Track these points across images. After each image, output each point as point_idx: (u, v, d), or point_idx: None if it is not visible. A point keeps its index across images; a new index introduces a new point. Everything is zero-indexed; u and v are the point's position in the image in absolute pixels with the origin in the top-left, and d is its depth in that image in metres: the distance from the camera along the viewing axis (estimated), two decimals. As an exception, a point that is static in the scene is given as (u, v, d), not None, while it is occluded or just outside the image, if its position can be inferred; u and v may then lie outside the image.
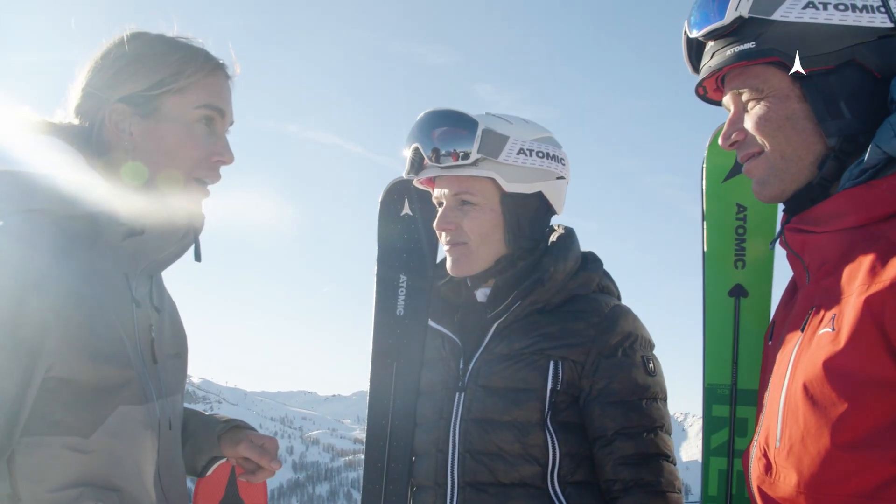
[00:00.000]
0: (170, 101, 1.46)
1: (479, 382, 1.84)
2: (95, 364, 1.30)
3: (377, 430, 1.98)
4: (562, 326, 1.83)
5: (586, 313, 1.84)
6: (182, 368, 1.62)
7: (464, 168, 1.84)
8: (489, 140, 1.81)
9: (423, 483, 1.89)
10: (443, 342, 1.95)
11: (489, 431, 1.79)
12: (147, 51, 1.48)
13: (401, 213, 2.15)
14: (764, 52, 1.33)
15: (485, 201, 1.86)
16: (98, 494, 1.32)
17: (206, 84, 1.50)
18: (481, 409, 1.81)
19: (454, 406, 1.85)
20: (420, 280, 2.08)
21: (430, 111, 1.90)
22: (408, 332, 2.03)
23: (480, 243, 1.88)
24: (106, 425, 1.33)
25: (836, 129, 1.31)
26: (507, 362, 1.82)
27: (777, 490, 1.25)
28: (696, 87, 1.50)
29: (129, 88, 1.45)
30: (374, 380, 2.02)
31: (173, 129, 1.46)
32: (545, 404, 1.78)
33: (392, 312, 2.07)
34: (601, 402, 1.77)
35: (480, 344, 1.88)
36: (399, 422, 1.95)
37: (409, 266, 2.10)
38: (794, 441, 1.20)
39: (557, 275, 1.86)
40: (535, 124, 1.92)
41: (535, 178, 1.86)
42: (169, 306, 1.63)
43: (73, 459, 1.31)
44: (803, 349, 1.23)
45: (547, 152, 1.88)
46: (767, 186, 1.41)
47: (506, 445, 1.78)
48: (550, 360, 1.79)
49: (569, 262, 1.89)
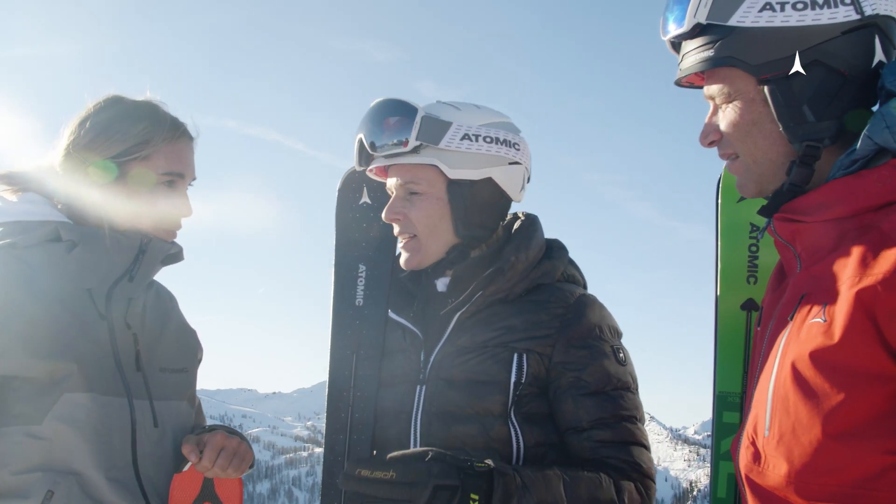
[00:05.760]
0: (136, 167, 1.68)
1: (441, 375, 1.80)
2: (35, 360, 1.52)
3: (337, 424, 1.93)
4: (525, 318, 1.80)
5: (551, 304, 1.82)
6: (185, 381, 1.84)
7: (404, 156, 1.81)
8: (429, 126, 1.78)
9: (384, 477, 1.85)
10: (403, 334, 1.91)
11: (451, 425, 1.76)
12: (120, 119, 1.70)
13: (359, 202, 2.10)
14: (721, 60, 1.33)
15: (430, 189, 1.83)
16: (57, 478, 1.51)
17: (170, 151, 1.72)
18: (443, 402, 1.78)
19: (415, 399, 1.81)
20: (379, 270, 2.04)
21: (376, 101, 1.87)
22: (367, 322, 1.98)
23: (429, 234, 1.85)
24: (54, 412, 1.53)
25: (800, 134, 1.31)
26: (469, 355, 1.79)
27: (766, 479, 1.24)
28: (675, 82, 1.50)
29: (101, 154, 1.67)
30: (334, 372, 1.97)
31: (138, 191, 1.69)
32: (508, 397, 1.75)
33: (351, 303, 2.02)
34: (573, 395, 1.74)
35: (442, 335, 1.84)
36: (359, 415, 1.91)
37: (367, 256, 2.06)
38: (785, 430, 1.20)
39: (519, 264, 1.83)
40: (488, 109, 1.88)
41: (481, 163, 1.82)
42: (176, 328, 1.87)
43: (32, 446, 1.51)
44: (792, 338, 1.23)
45: (496, 137, 1.83)
46: (746, 188, 1.43)
47: (469, 439, 1.74)
48: (514, 352, 1.76)
49: (531, 250, 1.87)
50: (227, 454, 1.70)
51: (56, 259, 1.62)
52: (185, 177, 1.75)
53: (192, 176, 1.78)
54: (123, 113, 1.71)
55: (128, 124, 1.69)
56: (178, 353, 1.84)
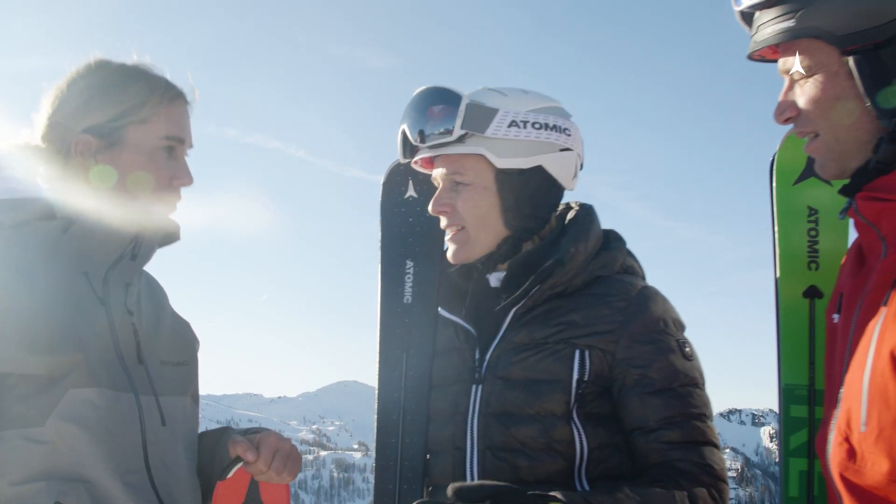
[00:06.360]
0: (133, 132, 1.53)
1: (498, 374, 1.71)
2: (32, 354, 1.35)
3: (388, 427, 1.85)
4: (586, 312, 1.71)
5: (612, 297, 1.72)
6: (186, 375, 1.67)
7: (450, 146, 1.72)
8: (474, 114, 1.69)
9: (439, 482, 1.77)
10: (455, 331, 1.83)
11: (510, 426, 1.67)
12: (110, 81, 1.54)
13: (405, 195, 2.02)
14: (803, 31, 1.25)
15: (477, 179, 1.74)
16: (63, 487, 1.33)
17: (168, 114, 1.57)
18: (501, 402, 1.69)
19: (471, 399, 1.73)
20: (427, 266, 1.95)
21: (419, 90, 1.78)
22: (417, 320, 1.91)
23: (478, 226, 1.76)
24: (58, 411, 1.36)
25: (889, 110, 1.21)
26: (527, 352, 1.70)
27: (864, 478, 1.15)
28: (748, 56, 1.42)
29: (93, 119, 1.51)
30: (383, 373, 1.89)
31: (136, 159, 1.53)
32: (571, 396, 1.65)
33: (399, 300, 1.94)
34: (639, 393, 1.65)
35: (497, 332, 1.76)
36: (411, 417, 1.83)
37: (415, 251, 1.98)
38: (885, 425, 1.11)
39: (578, 255, 1.74)
40: (536, 94, 1.79)
41: (531, 151, 1.73)
42: (171, 320, 1.70)
43: (33, 451, 1.33)
44: (888, 325, 1.13)
45: (545, 123, 1.73)
46: (826, 169, 1.34)
47: (529, 441, 1.66)
48: (576, 349, 1.67)
49: (590, 241, 1.77)
50: (283, 456, 1.59)
51: (50, 239, 1.46)
52: (184, 142, 1.61)
53: (190, 143, 1.63)
54: (114, 75, 1.56)
55: (120, 86, 1.54)
56: (177, 344, 1.68)
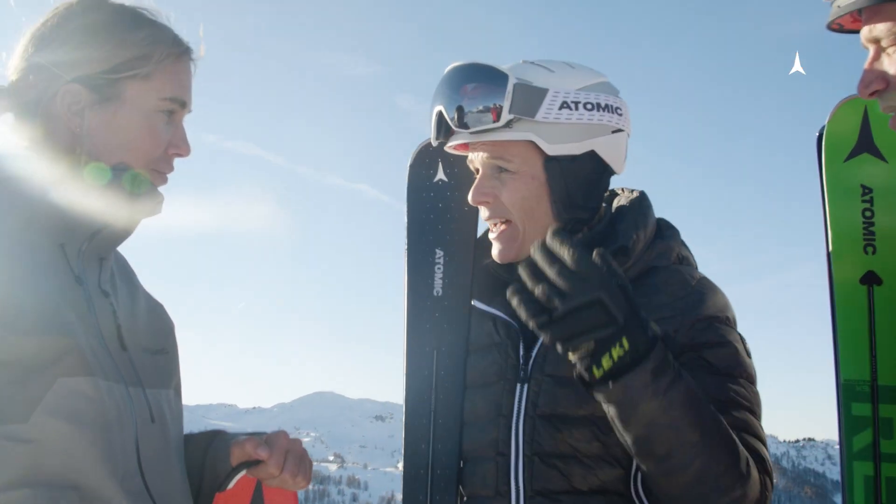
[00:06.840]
0: (132, 87, 1.31)
1: (547, 371, 1.54)
2: (18, 336, 1.12)
3: (418, 431, 1.66)
4: (644, 301, 1.52)
5: (670, 286, 1.56)
6: (167, 365, 1.44)
7: (496, 132, 1.55)
8: (523, 95, 1.52)
9: (478, 492, 1.58)
10: (495, 325, 1.65)
11: (561, 429, 1.49)
12: (111, 24, 1.32)
13: (434, 179, 1.85)
14: None
15: (524, 167, 1.57)
16: (52, 494, 1.12)
17: (173, 72, 1.37)
18: (551, 402, 1.52)
19: (516, 400, 1.55)
20: (460, 255, 1.78)
21: (455, 65, 1.60)
22: (449, 314, 1.72)
23: (526, 219, 1.58)
24: (45, 404, 1.14)
25: None
26: None
27: None
28: (826, 25, 1.27)
29: (87, 68, 1.29)
30: (412, 371, 1.71)
31: (133, 120, 1.33)
32: None
33: (428, 293, 1.76)
34: (698, 374, 1.45)
35: None
36: (444, 420, 1.64)
37: (445, 240, 1.80)
38: None
39: (640, 243, 1.58)
40: (583, 68, 1.62)
41: (583, 135, 1.56)
42: (145, 301, 1.48)
43: (16, 452, 1.11)
44: None
45: (598, 103, 1.57)
46: None
47: (582, 446, 1.48)
48: None
49: (648, 229, 1.61)
50: (295, 457, 1.37)
51: (25, 203, 1.24)
52: (185, 106, 1.41)
53: (190, 108, 1.43)
54: (116, 17, 1.33)
55: (125, 31, 1.31)
56: (154, 329, 1.46)
